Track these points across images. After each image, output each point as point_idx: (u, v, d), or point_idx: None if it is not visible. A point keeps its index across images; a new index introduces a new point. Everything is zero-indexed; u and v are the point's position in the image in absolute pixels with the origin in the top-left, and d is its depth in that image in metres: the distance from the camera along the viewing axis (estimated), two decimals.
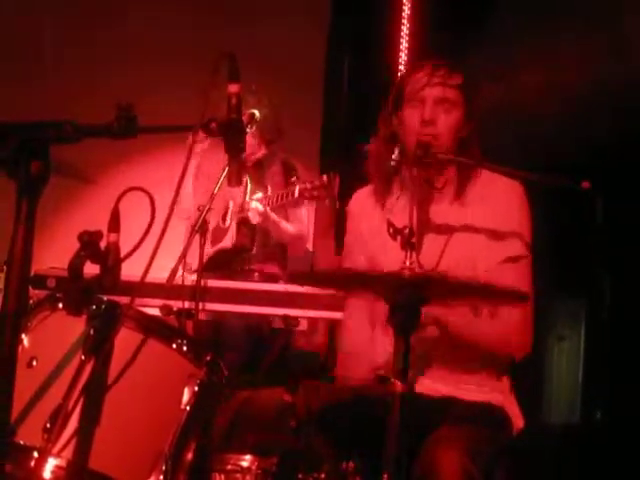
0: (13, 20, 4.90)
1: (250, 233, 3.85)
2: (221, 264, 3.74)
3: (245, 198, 3.83)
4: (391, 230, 1.86)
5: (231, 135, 1.72)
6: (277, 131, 3.92)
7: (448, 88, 2.26)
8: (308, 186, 3.59)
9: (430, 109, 2.25)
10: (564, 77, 3.82)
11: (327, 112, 4.87)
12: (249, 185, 3.86)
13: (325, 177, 3.63)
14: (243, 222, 3.82)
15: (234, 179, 1.76)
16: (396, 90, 2.36)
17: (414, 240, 1.86)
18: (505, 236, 2.25)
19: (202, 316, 3.26)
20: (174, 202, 1.68)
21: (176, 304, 3.13)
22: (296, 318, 3.15)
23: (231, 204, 3.83)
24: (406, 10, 4.22)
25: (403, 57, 4.20)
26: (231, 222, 3.83)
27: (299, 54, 4.71)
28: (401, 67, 4.23)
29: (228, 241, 3.81)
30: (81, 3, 5.01)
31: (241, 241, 3.84)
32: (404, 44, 4.20)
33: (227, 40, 4.36)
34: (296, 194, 3.60)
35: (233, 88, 1.78)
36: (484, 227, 2.27)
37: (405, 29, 4.20)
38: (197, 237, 3.20)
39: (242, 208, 3.79)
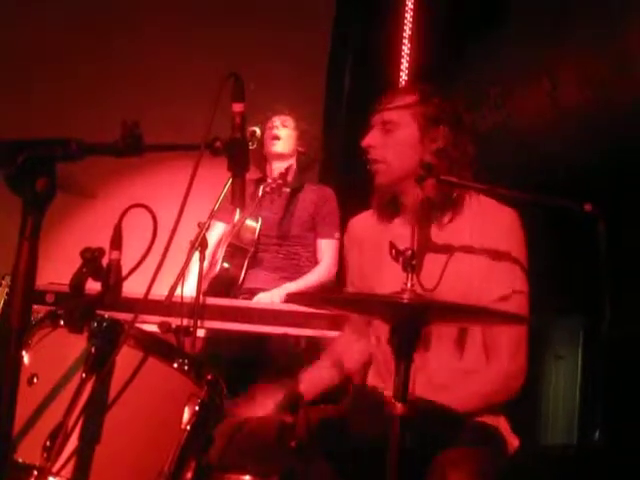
0: (19, 37, 4.91)
1: (240, 261, 3.81)
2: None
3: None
4: (393, 252, 1.86)
5: (235, 154, 1.72)
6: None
7: (389, 111, 2.32)
8: (270, 181, 3.62)
9: (370, 134, 2.33)
10: (566, 96, 3.83)
11: (327, 125, 4.88)
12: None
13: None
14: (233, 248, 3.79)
15: (237, 199, 1.76)
16: None
17: (415, 262, 1.86)
18: (500, 271, 2.24)
19: (201, 334, 3.24)
20: (178, 220, 1.68)
21: (175, 321, 3.11)
22: (296, 337, 3.15)
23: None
24: (408, 22, 4.23)
25: (404, 69, 4.21)
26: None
27: (301, 67, 4.73)
28: (402, 79, 4.24)
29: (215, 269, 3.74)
30: (86, 21, 5.03)
31: (230, 271, 3.79)
32: (405, 57, 4.22)
33: (229, 53, 4.39)
34: (260, 193, 3.57)
35: (237, 107, 1.79)
36: (481, 254, 2.26)
37: (406, 41, 4.22)
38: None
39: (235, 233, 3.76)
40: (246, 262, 3.78)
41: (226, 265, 3.76)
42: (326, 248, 3.83)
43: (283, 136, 3.85)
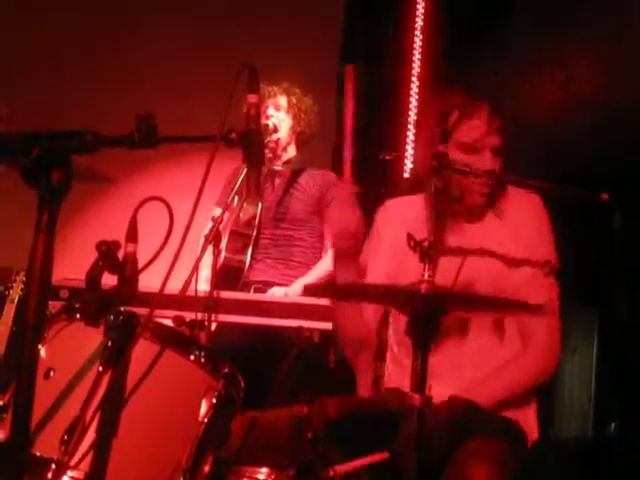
0: (34, 30, 4.92)
1: (244, 247, 3.77)
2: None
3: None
4: (412, 243, 1.86)
5: (250, 146, 1.71)
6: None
7: (500, 135, 2.29)
8: None
9: (492, 159, 2.27)
10: (581, 88, 3.81)
11: (340, 125, 4.87)
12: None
13: None
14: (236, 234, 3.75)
15: (252, 191, 1.76)
16: (441, 123, 2.29)
17: (432, 253, 1.86)
18: (531, 253, 2.27)
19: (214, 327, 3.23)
20: (194, 212, 1.68)
21: (189, 315, 3.11)
22: (310, 330, 3.13)
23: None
24: (419, 22, 4.22)
25: (416, 68, 4.19)
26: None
27: (312, 60, 4.72)
28: (415, 71, 4.21)
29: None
30: (101, 13, 5.03)
31: (235, 259, 3.75)
32: (417, 55, 4.20)
33: (243, 50, 4.38)
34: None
35: (252, 99, 1.79)
36: (507, 243, 2.28)
37: (418, 40, 4.20)
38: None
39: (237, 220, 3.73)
40: (250, 248, 3.76)
41: (230, 254, 3.74)
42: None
43: (278, 122, 3.83)
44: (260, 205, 3.76)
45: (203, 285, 3.21)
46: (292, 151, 3.90)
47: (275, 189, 3.82)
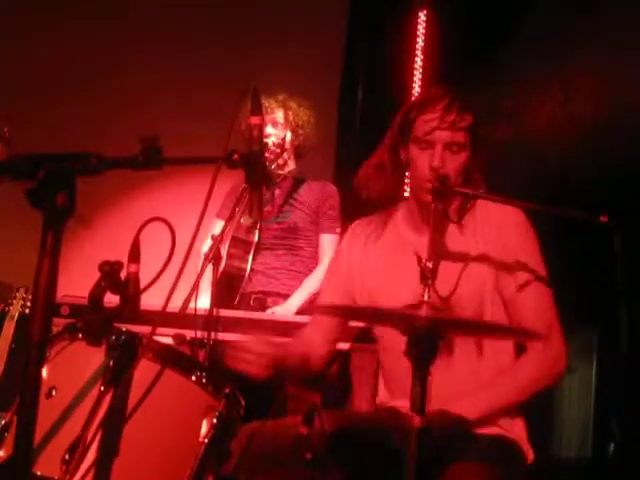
0: (40, 52, 4.95)
1: (244, 254, 3.80)
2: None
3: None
4: (421, 262, 1.85)
5: (252, 167, 1.73)
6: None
7: (457, 132, 2.23)
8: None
9: (439, 155, 2.22)
10: (579, 108, 3.83)
11: (340, 140, 4.89)
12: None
13: None
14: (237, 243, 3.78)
15: (255, 211, 1.77)
16: (403, 120, 2.31)
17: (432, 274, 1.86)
18: (513, 265, 2.23)
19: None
20: (196, 233, 1.69)
21: (189, 333, 3.11)
22: None
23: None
24: (420, 42, 4.25)
25: (416, 88, 4.22)
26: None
27: (313, 81, 4.75)
28: (415, 91, 4.24)
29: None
30: (101, 35, 5.06)
31: (235, 266, 3.78)
32: (417, 75, 4.23)
33: (242, 71, 4.41)
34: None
35: (255, 120, 1.80)
36: (493, 255, 2.26)
37: (419, 60, 4.23)
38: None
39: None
40: (250, 255, 3.78)
41: (230, 261, 3.76)
42: (328, 244, 3.81)
43: (276, 140, 3.85)
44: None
45: (204, 298, 3.22)
46: (291, 165, 3.93)
47: (275, 199, 3.85)
